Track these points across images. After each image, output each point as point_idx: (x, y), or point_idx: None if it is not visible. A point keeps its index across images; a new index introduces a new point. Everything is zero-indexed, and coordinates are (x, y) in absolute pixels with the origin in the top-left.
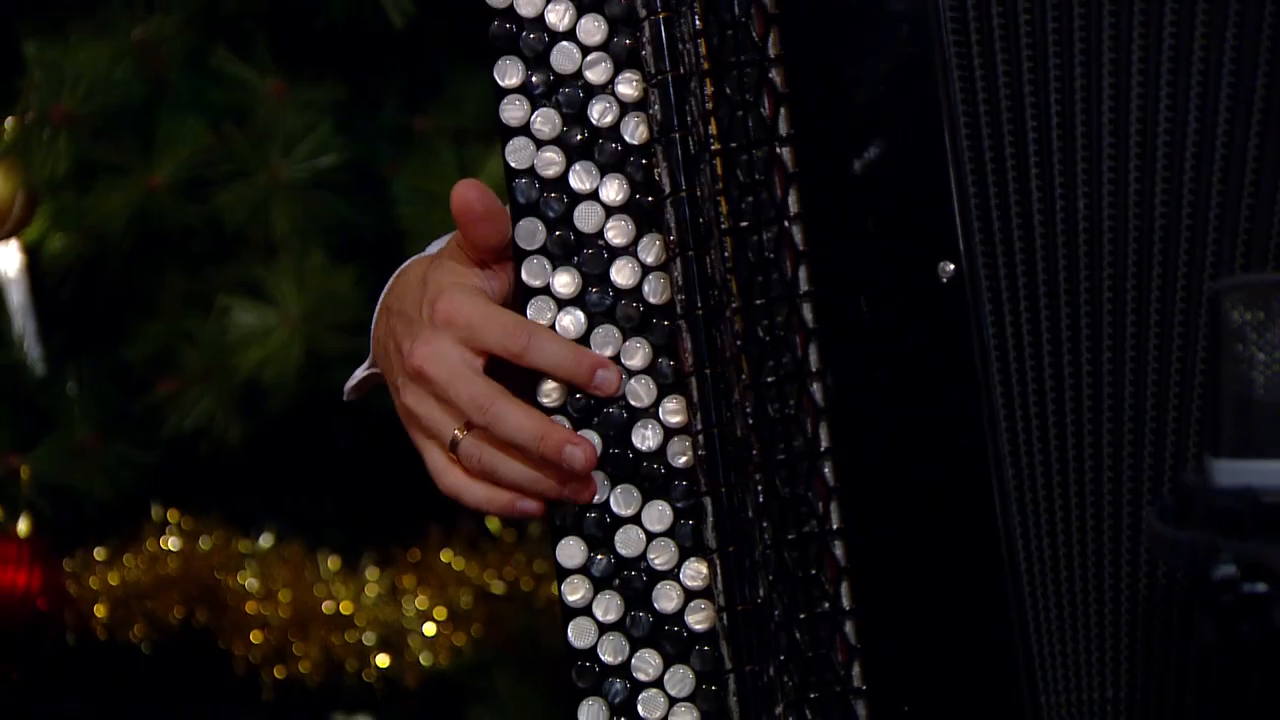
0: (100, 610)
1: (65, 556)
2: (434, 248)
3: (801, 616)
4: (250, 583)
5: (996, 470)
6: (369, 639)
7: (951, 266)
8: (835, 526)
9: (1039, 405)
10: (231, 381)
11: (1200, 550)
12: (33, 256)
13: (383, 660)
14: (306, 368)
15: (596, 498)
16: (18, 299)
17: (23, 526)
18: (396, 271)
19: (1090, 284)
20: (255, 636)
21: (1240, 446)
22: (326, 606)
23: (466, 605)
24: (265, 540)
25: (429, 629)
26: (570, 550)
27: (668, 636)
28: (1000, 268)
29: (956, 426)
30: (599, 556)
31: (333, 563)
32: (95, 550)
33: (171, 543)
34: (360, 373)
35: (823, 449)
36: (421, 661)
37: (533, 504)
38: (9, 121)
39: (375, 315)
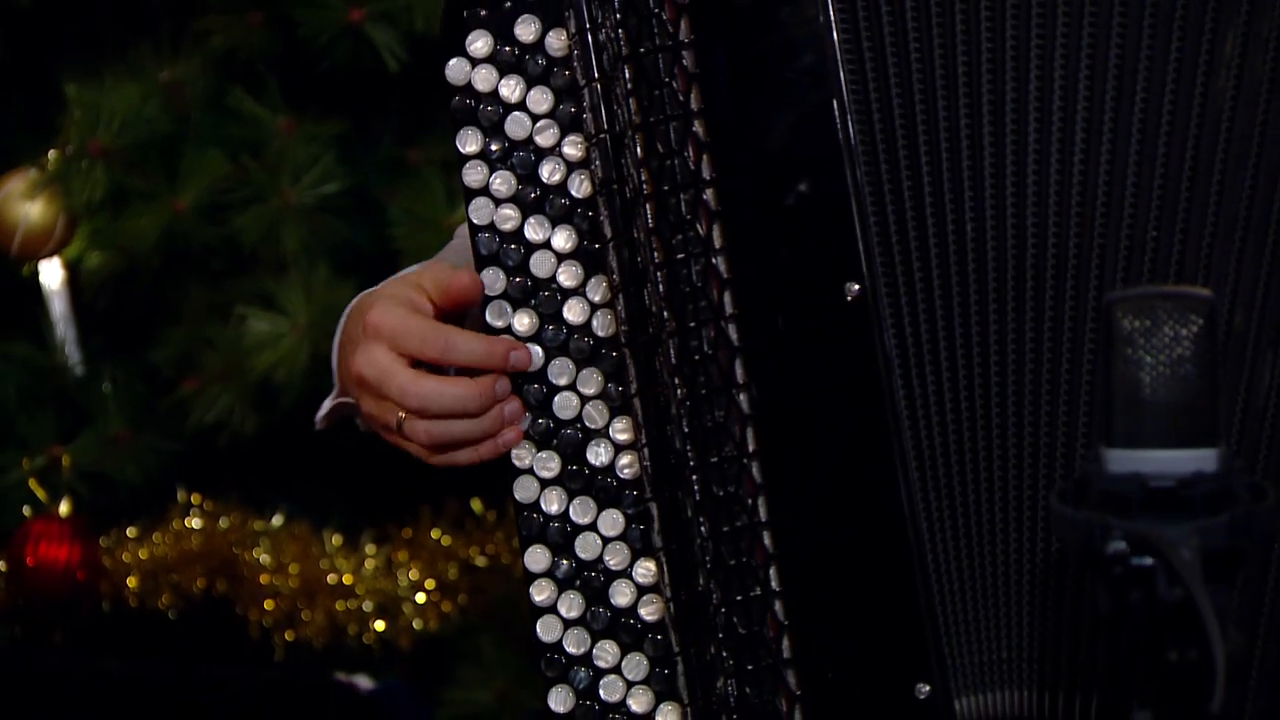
0: (132, 581)
1: (101, 534)
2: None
3: (737, 600)
4: (263, 557)
5: (902, 463)
6: (368, 607)
7: (856, 287)
8: (763, 519)
9: (938, 404)
10: (247, 381)
11: (1095, 528)
12: (73, 272)
13: (380, 625)
14: (312, 369)
15: (557, 509)
16: (59, 309)
17: (64, 508)
18: (345, 310)
19: (981, 296)
20: (268, 604)
21: (1130, 438)
22: (330, 578)
23: (453, 577)
24: (277, 520)
25: (420, 598)
26: (536, 556)
27: (623, 628)
28: (900, 286)
29: (865, 426)
30: (561, 561)
31: (336, 540)
32: (127, 529)
33: (194, 522)
34: (327, 404)
35: (750, 451)
36: (414, 626)
37: (511, 435)
38: (52, 154)
39: (335, 351)
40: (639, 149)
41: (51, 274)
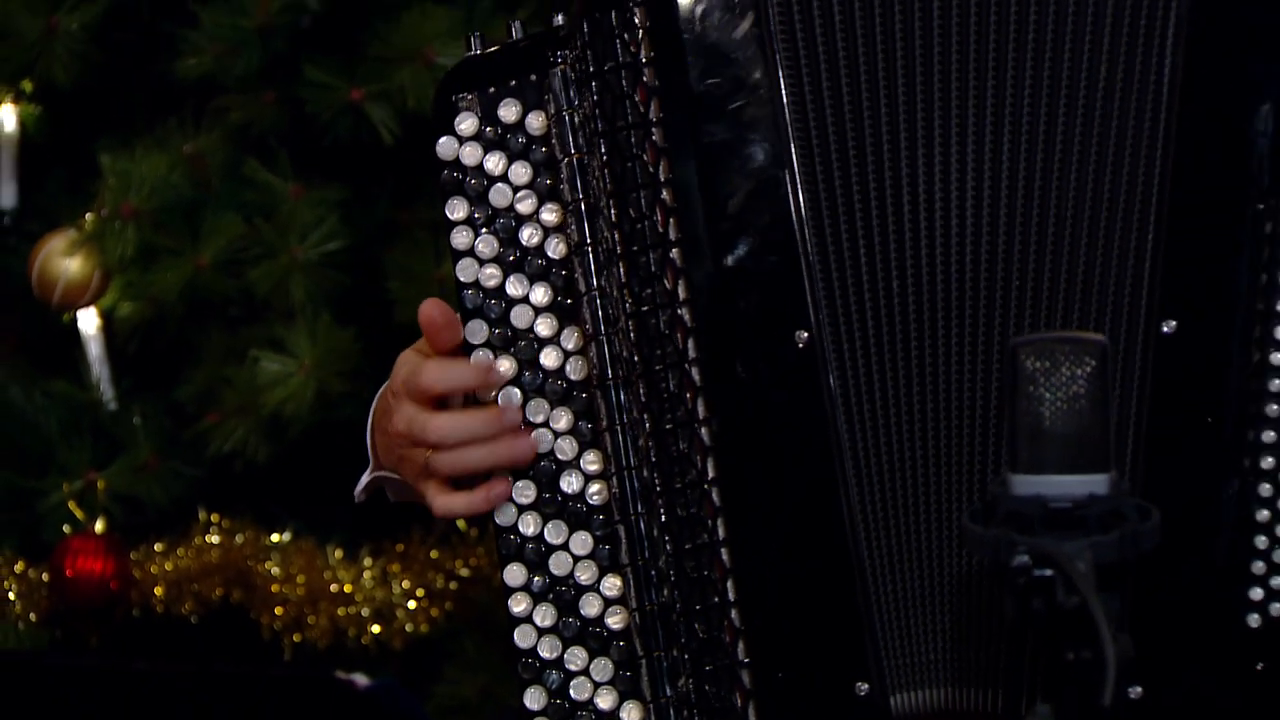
0: (159, 591)
1: (132, 549)
2: None
3: (697, 608)
4: (274, 569)
5: (844, 489)
6: (366, 612)
7: (805, 335)
8: (722, 537)
9: (874, 436)
10: (260, 415)
11: (1002, 544)
12: (107, 319)
13: (376, 629)
14: (317, 404)
15: (533, 530)
16: (95, 352)
17: (99, 526)
18: (377, 395)
19: (905, 342)
20: (278, 611)
21: (1032, 464)
22: (333, 587)
23: (441, 586)
24: (286, 536)
25: (412, 604)
26: (514, 573)
27: (591, 636)
28: (843, 334)
29: (812, 456)
30: (536, 577)
31: (338, 553)
32: (155, 544)
33: (213, 538)
34: (365, 479)
35: (711, 478)
36: (406, 629)
37: (500, 488)
38: (89, 216)
39: (369, 433)
40: (613, 213)
41: (88, 321)
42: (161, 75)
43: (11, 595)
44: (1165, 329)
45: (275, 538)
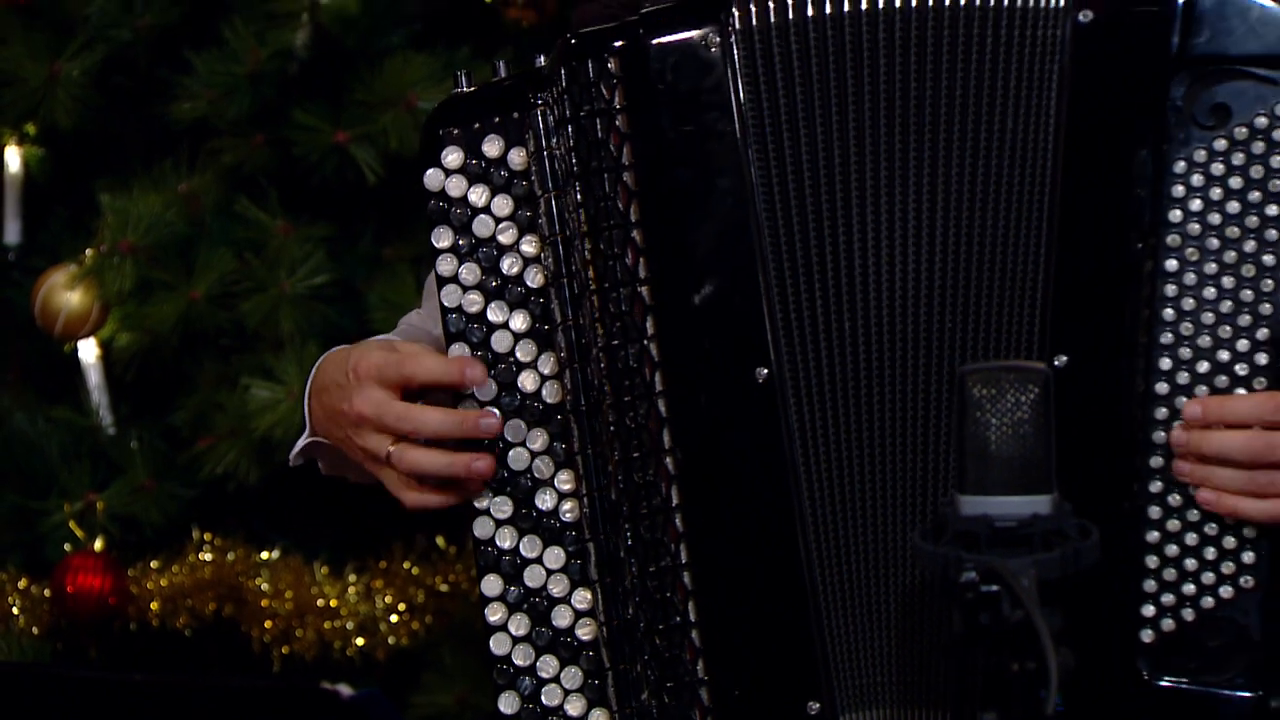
0: (154, 605)
1: (129, 566)
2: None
3: (660, 627)
4: (263, 585)
5: (800, 517)
6: (350, 626)
7: (765, 371)
8: (684, 561)
9: (827, 466)
10: (251, 439)
11: (950, 561)
12: (106, 349)
13: (360, 641)
14: (304, 428)
15: (509, 544)
16: (95, 380)
17: (98, 545)
18: (316, 364)
19: (865, 380)
20: (267, 624)
21: (979, 486)
22: (319, 602)
23: (421, 600)
24: (275, 554)
25: (394, 618)
26: (491, 584)
27: (562, 646)
28: (799, 371)
29: (770, 486)
30: (512, 588)
31: (323, 570)
32: (151, 562)
33: (206, 556)
34: (301, 442)
35: (674, 505)
36: (389, 642)
37: (482, 463)
38: (89, 252)
39: (306, 397)
40: (586, 250)
41: (88, 351)
42: (158, 119)
43: (15, 610)
44: (1057, 363)
45: (265, 555)
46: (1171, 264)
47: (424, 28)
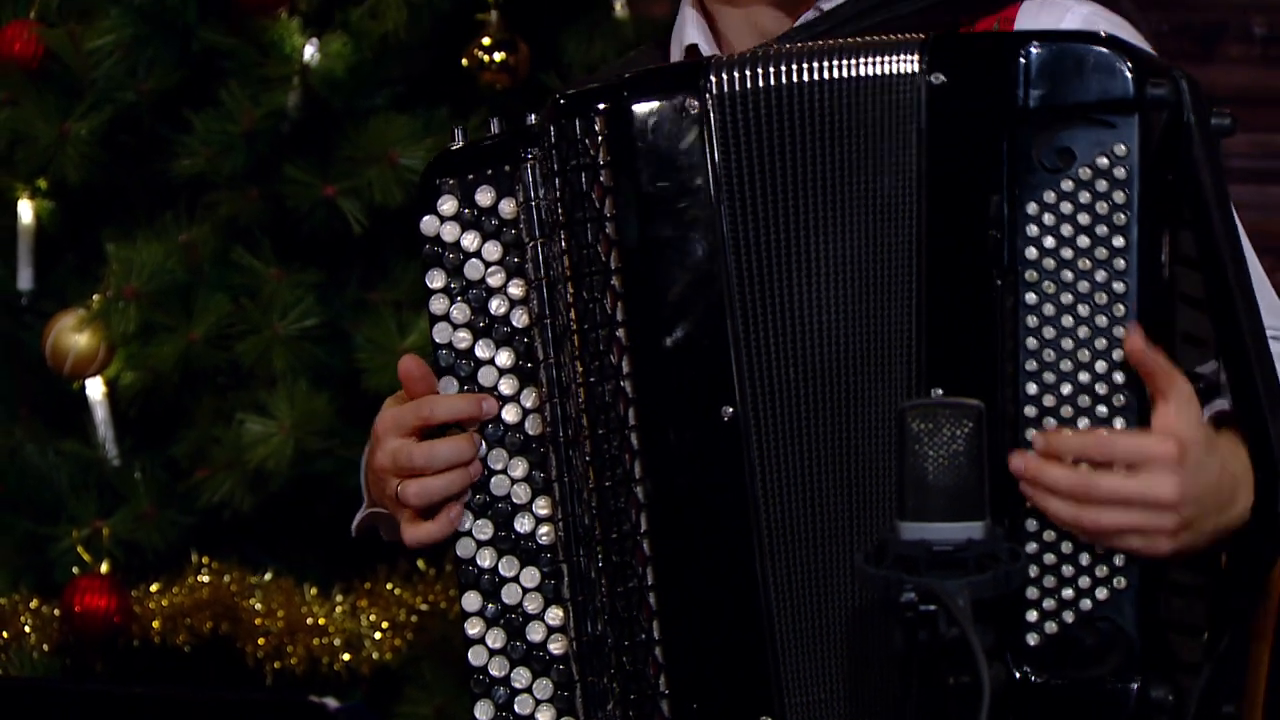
0: (156, 624)
1: (133, 588)
2: None
3: (626, 644)
4: (257, 605)
5: (758, 545)
6: (337, 642)
7: (730, 410)
8: (650, 583)
9: (783, 498)
10: (245, 469)
11: (892, 582)
12: (111, 387)
13: (346, 657)
14: (296, 460)
15: (489, 564)
16: (101, 415)
17: (104, 568)
18: (365, 451)
19: (819, 416)
20: (260, 641)
21: (918, 513)
22: (309, 621)
23: (403, 619)
24: (267, 576)
25: (378, 635)
26: (471, 600)
27: (535, 659)
28: (762, 410)
29: (733, 515)
30: (490, 605)
31: (313, 591)
32: (153, 584)
33: (204, 578)
34: (360, 515)
35: (643, 531)
36: (373, 657)
37: (455, 511)
38: (96, 297)
39: (363, 473)
40: (569, 294)
41: (95, 389)
42: (160, 174)
43: (27, 628)
44: (934, 394)
45: (258, 577)
46: (1031, 297)
47: (405, 90)
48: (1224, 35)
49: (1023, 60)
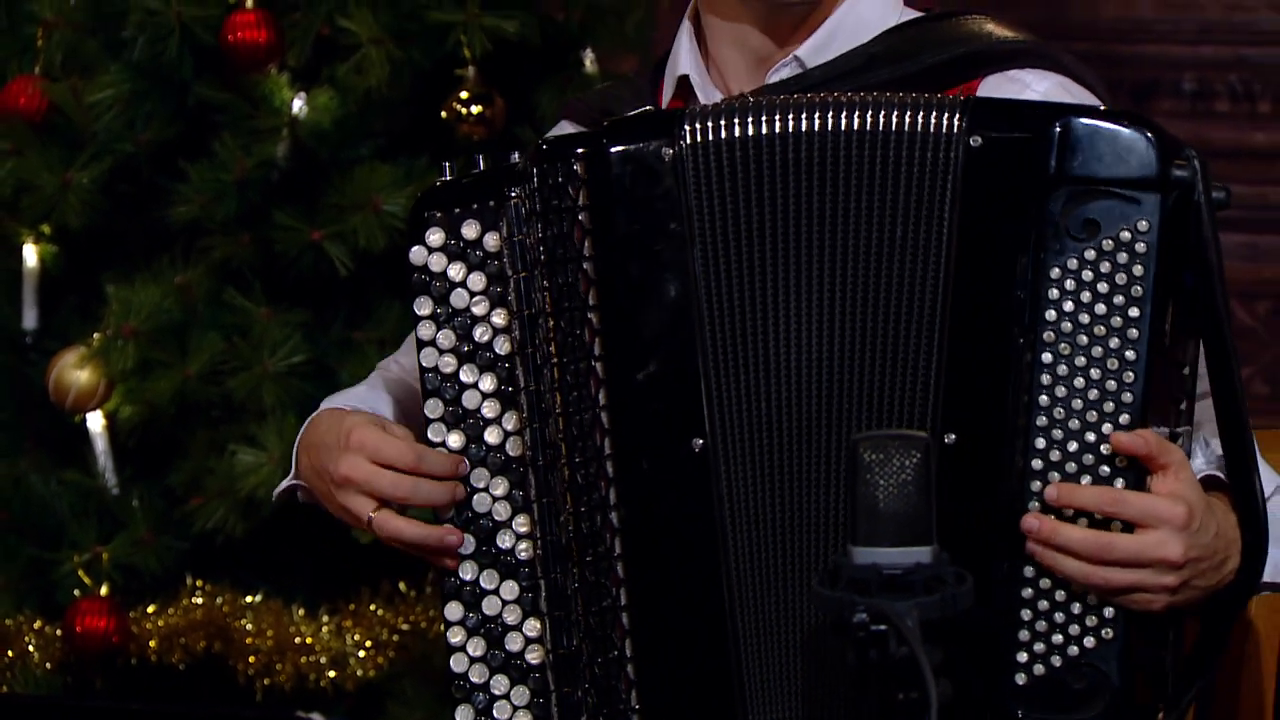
0: (153, 643)
1: (131, 609)
2: (339, 400)
3: (599, 659)
4: (248, 625)
5: (725, 570)
6: (323, 660)
7: (700, 441)
8: (623, 603)
9: (749, 525)
10: (237, 498)
11: (845, 604)
12: (111, 420)
13: (332, 674)
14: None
15: (470, 577)
16: (101, 446)
17: (104, 590)
18: (309, 420)
19: (786, 449)
20: (251, 660)
21: (869, 539)
22: (296, 640)
23: (386, 638)
24: (258, 597)
25: (362, 653)
26: (453, 610)
27: (514, 667)
28: (730, 442)
29: (701, 540)
30: (471, 615)
31: (300, 612)
32: (149, 605)
33: (198, 600)
34: (285, 484)
35: (616, 554)
36: (357, 674)
37: (455, 538)
38: (96, 335)
39: (296, 448)
40: (549, 327)
41: (95, 422)
42: (157, 220)
43: (31, 648)
44: (947, 440)
45: (249, 599)
46: (1047, 356)
47: (388, 141)
48: (1156, 91)
49: (1058, 130)
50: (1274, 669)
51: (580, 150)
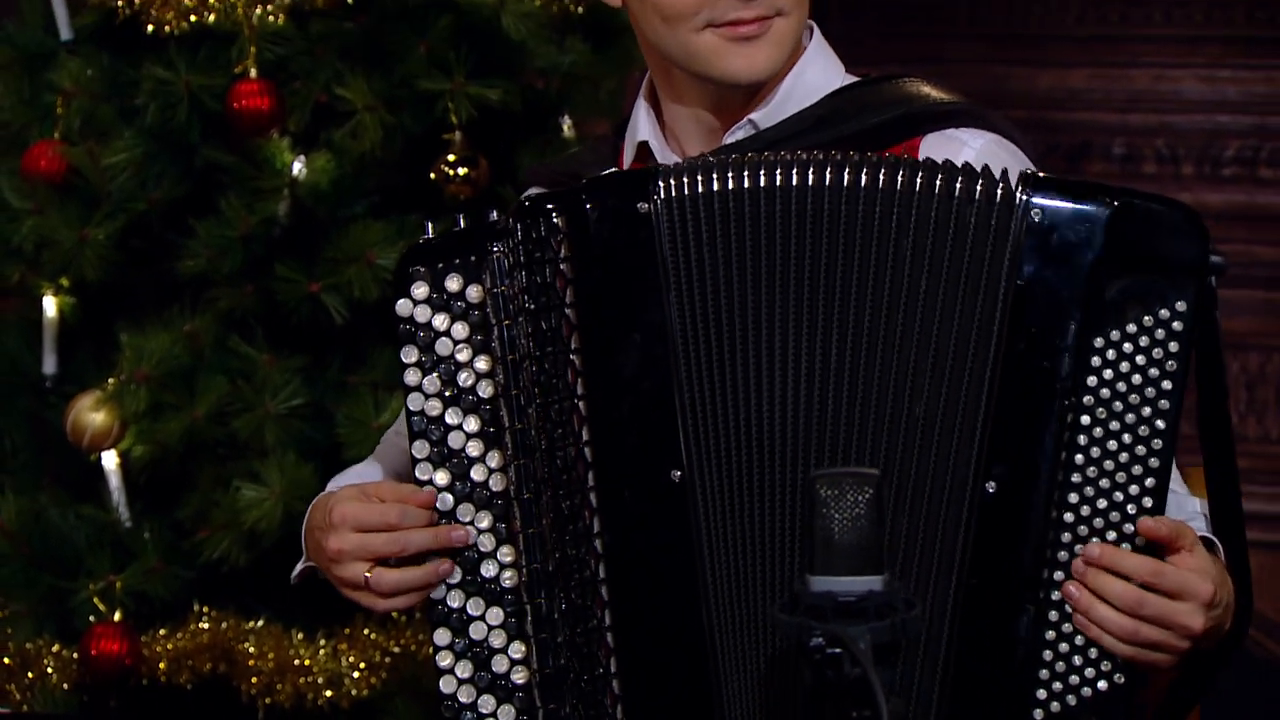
0: (162, 665)
1: (142, 634)
2: (337, 481)
3: (585, 677)
4: (251, 648)
5: (703, 594)
6: (321, 680)
7: (678, 473)
8: (607, 623)
9: (726, 551)
10: (241, 530)
11: (803, 629)
12: (124, 458)
13: (329, 693)
14: (285, 522)
15: (458, 605)
16: (115, 483)
17: (117, 616)
18: (310, 507)
19: (764, 483)
20: (254, 680)
21: (826, 568)
22: (296, 662)
23: (379, 660)
24: (260, 623)
25: (356, 674)
26: (442, 635)
27: (500, 687)
28: (707, 473)
29: (680, 566)
30: (459, 640)
31: (299, 636)
32: (160, 630)
33: (204, 625)
34: (300, 566)
35: (600, 578)
36: (352, 694)
37: (445, 566)
38: (111, 380)
39: (304, 534)
40: (532, 370)
41: (110, 460)
42: (167, 273)
43: (50, 669)
44: (990, 487)
45: (252, 624)
46: (1085, 419)
47: (381, 200)
48: (1089, 154)
49: (1116, 208)
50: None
51: (561, 205)
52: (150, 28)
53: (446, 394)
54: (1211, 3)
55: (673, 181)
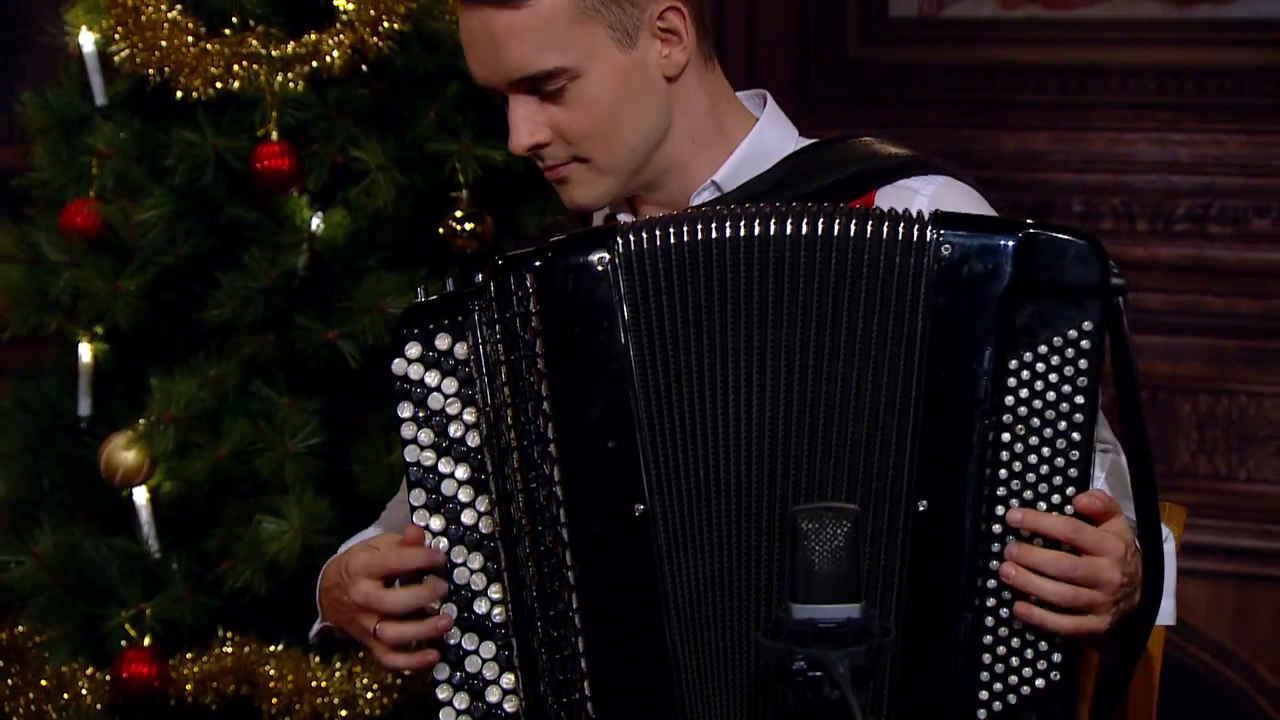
0: (189, 687)
1: (170, 658)
2: (348, 544)
3: (564, 701)
4: (271, 671)
5: (667, 622)
6: (336, 701)
7: (641, 507)
8: (581, 650)
9: (689, 581)
10: (263, 561)
11: (785, 653)
12: (154, 494)
13: (344, 713)
14: (303, 554)
15: (453, 641)
16: (145, 517)
17: (147, 641)
18: (322, 570)
19: (725, 517)
20: (274, 701)
21: (807, 597)
22: (313, 683)
23: (390, 681)
24: (280, 647)
25: (369, 695)
26: (441, 670)
27: (494, 716)
28: (668, 507)
29: (645, 595)
30: (456, 673)
31: (316, 659)
32: (187, 654)
33: (228, 649)
34: (317, 626)
35: (574, 608)
36: (366, 713)
37: (431, 657)
38: (141, 421)
39: (318, 596)
40: (510, 417)
41: (140, 496)
42: (194, 322)
43: (84, 691)
44: (920, 507)
45: (272, 648)
46: (1006, 436)
47: (393, 254)
48: (1050, 211)
49: (1020, 240)
50: (1157, 685)
51: (532, 264)
52: (179, 94)
53: (439, 445)
54: (1164, 72)
55: (630, 237)
